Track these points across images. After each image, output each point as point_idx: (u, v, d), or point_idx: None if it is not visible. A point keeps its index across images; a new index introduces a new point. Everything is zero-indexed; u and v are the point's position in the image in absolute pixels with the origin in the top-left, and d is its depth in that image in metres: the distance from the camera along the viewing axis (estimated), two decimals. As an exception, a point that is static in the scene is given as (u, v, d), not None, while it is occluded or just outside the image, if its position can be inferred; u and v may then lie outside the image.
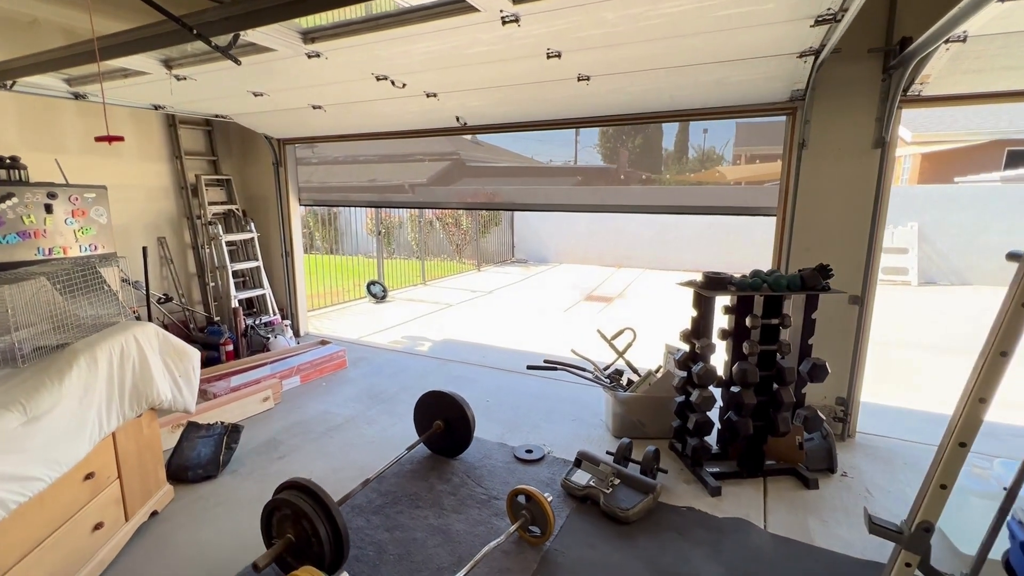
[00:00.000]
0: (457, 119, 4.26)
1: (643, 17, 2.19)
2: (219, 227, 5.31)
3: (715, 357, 3.02)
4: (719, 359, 3.06)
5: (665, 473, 2.96)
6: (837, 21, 2.15)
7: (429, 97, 3.68)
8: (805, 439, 3.08)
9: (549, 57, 2.73)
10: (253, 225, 5.67)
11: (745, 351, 2.93)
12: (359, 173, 6.13)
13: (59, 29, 4.05)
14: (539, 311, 8.01)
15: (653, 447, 2.94)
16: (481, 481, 2.97)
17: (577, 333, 6.66)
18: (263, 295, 5.70)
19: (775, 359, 2.93)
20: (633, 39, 2.45)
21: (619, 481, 2.78)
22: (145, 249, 4.50)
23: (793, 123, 3.41)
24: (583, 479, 2.82)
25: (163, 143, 5.16)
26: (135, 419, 2.44)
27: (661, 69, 2.92)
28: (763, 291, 2.85)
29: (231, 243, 5.55)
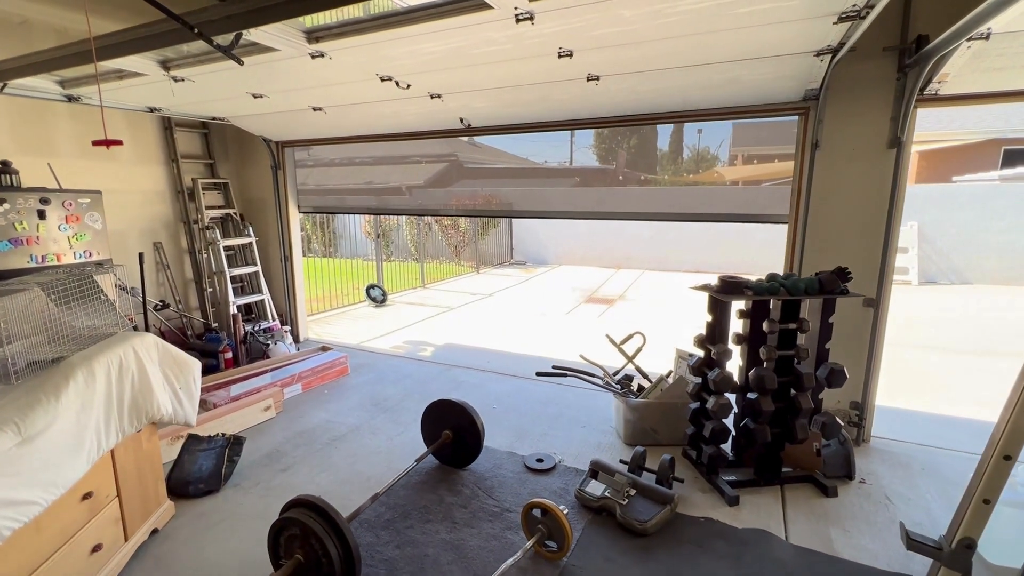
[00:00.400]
0: (461, 120, 4.18)
1: (661, 14, 2.12)
2: (217, 231, 5.20)
3: (730, 362, 2.95)
4: (733, 364, 2.99)
5: (681, 482, 2.89)
6: (862, 18, 2.09)
7: (433, 98, 3.60)
8: (823, 445, 3.02)
9: (560, 57, 2.65)
10: (251, 229, 5.56)
11: (762, 356, 2.86)
12: (356, 175, 6.04)
13: (51, 29, 3.94)
14: (540, 314, 7.93)
15: (668, 456, 2.87)
16: (492, 493, 2.88)
17: (580, 336, 6.59)
18: (262, 300, 5.60)
19: (792, 364, 2.87)
20: (649, 37, 2.38)
21: (635, 492, 2.70)
22: (141, 255, 4.40)
23: (805, 123, 3.35)
24: (598, 490, 2.74)
25: (159, 146, 5.05)
26: (134, 434, 2.34)
27: (674, 68, 2.85)
28: (780, 295, 2.79)
29: (229, 248, 5.44)
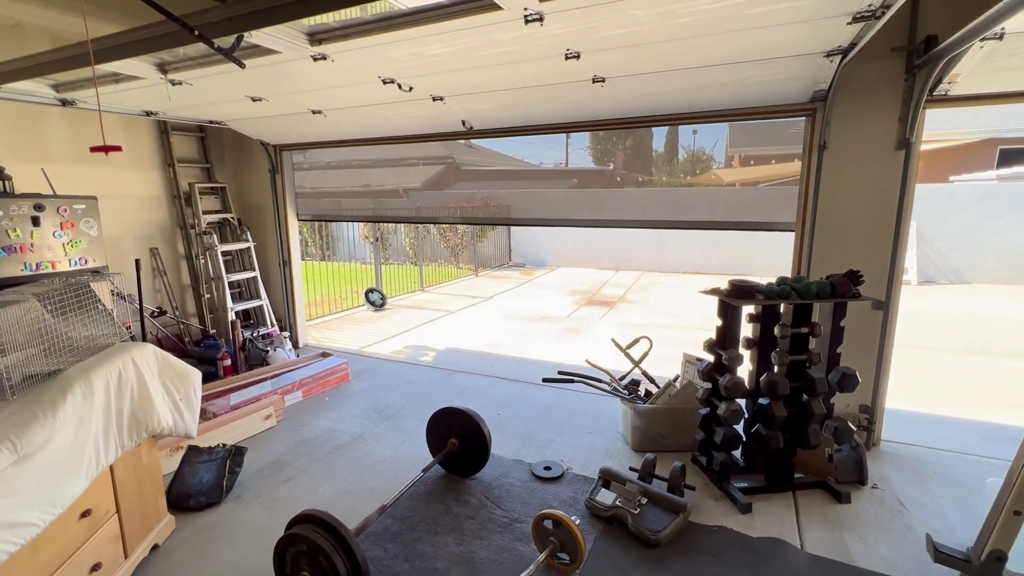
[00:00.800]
0: (463, 123, 4.12)
1: (674, 15, 2.07)
2: (214, 237, 5.12)
3: (739, 367, 2.90)
4: (743, 369, 2.94)
5: (693, 490, 2.84)
6: (877, 18, 2.06)
7: (435, 101, 3.55)
8: (835, 450, 2.98)
9: (567, 58, 2.61)
10: (249, 234, 5.49)
11: (774, 361, 2.82)
12: (352, 178, 5.98)
13: (44, 33, 3.86)
14: (541, 317, 7.88)
15: (679, 463, 2.82)
16: (500, 502, 2.83)
17: (582, 339, 6.54)
18: (260, 306, 5.52)
19: (804, 369, 2.83)
20: (659, 38, 2.34)
21: (647, 500, 2.65)
22: (138, 262, 4.33)
23: (813, 125, 3.32)
24: (608, 499, 2.69)
25: (155, 150, 4.97)
26: (134, 448, 2.27)
27: (682, 70, 2.81)
28: (792, 299, 2.75)
29: (227, 253, 5.37)
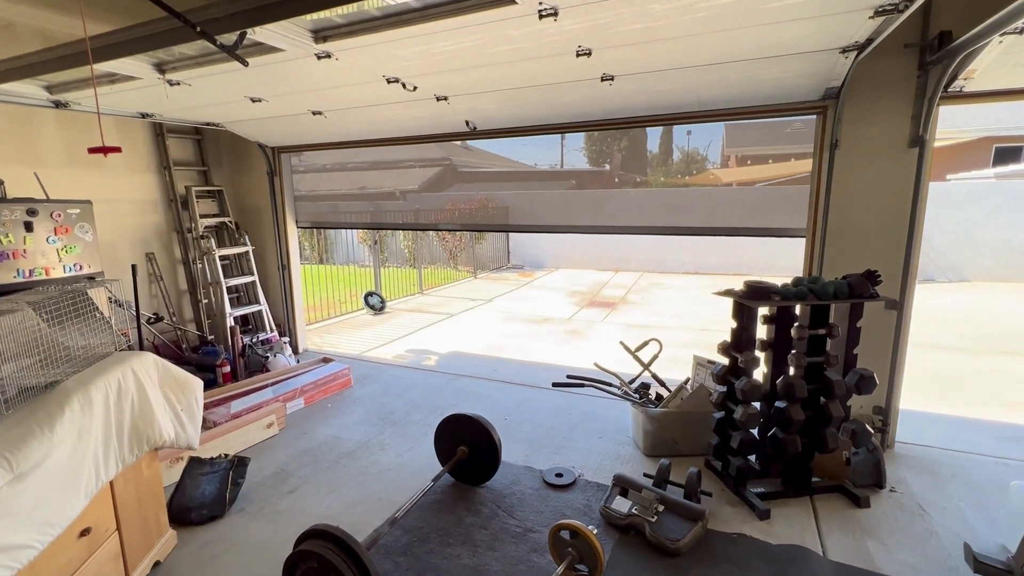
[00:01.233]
0: (467, 123, 4.06)
1: (691, 9, 2.02)
2: (212, 241, 5.03)
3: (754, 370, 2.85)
4: (757, 372, 2.89)
5: (710, 496, 2.78)
6: (900, 12, 2.00)
7: (439, 101, 3.48)
8: (852, 453, 2.93)
9: (578, 55, 2.55)
10: (247, 238, 5.39)
11: (791, 363, 2.77)
12: (349, 181, 5.89)
13: (36, 33, 3.78)
14: (543, 319, 7.81)
15: (695, 469, 2.76)
16: (513, 512, 2.75)
17: (586, 341, 6.48)
18: (260, 311, 5.42)
19: (820, 371, 2.77)
20: (675, 34, 2.28)
21: (663, 508, 2.59)
22: (135, 267, 4.23)
23: (824, 122, 3.27)
24: (624, 507, 2.63)
25: (150, 153, 4.87)
26: (134, 462, 2.18)
27: (693, 67, 2.76)
28: (809, 300, 2.69)
29: (224, 257, 5.27)
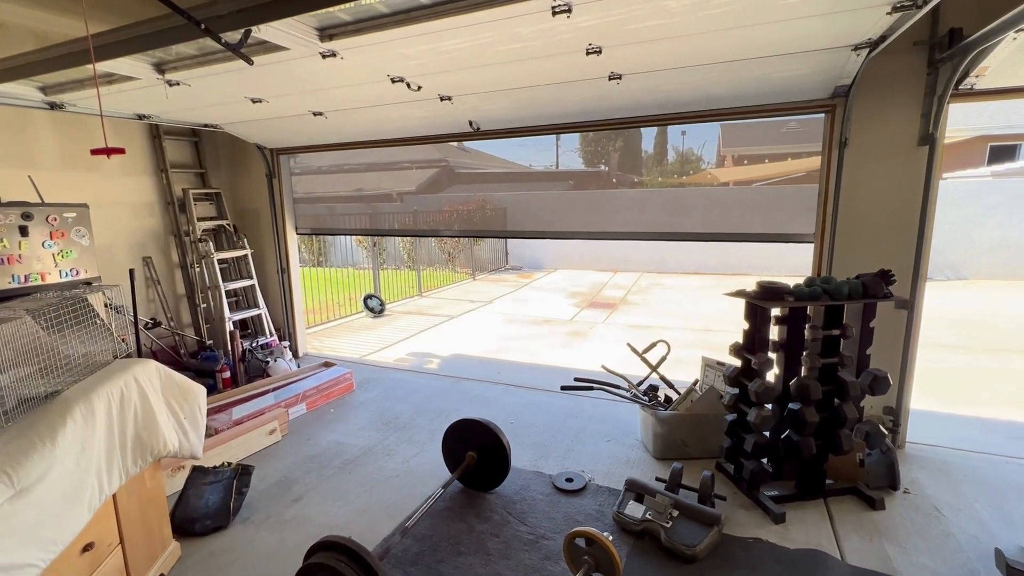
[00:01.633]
0: (470, 124, 4.01)
1: (708, 5, 1.98)
2: (210, 244, 4.95)
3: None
4: (769, 373, 2.85)
5: (724, 500, 2.74)
6: (919, 7, 1.97)
7: (443, 101, 3.43)
8: (865, 455, 2.90)
9: (588, 54, 2.50)
10: (246, 241, 5.31)
11: (804, 365, 2.73)
12: (346, 182, 5.82)
13: (29, 33, 3.69)
14: (544, 320, 7.77)
15: (709, 472, 2.72)
16: (524, 518, 2.70)
17: (589, 342, 6.44)
18: (259, 315, 5.34)
19: (834, 372, 2.74)
20: (689, 31, 2.24)
21: (678, 512, 2.55)
22: (132, 272, 4.15)
23: (832, 121, 3.25)
24: (638, 512, 2.58)
25: (147, 156, 4.79)
26: (137, 473, 2.12)
27: (704, 65, 2.72)
28: (822, 300, 2.66)
29: (223, 261, 5.19)
